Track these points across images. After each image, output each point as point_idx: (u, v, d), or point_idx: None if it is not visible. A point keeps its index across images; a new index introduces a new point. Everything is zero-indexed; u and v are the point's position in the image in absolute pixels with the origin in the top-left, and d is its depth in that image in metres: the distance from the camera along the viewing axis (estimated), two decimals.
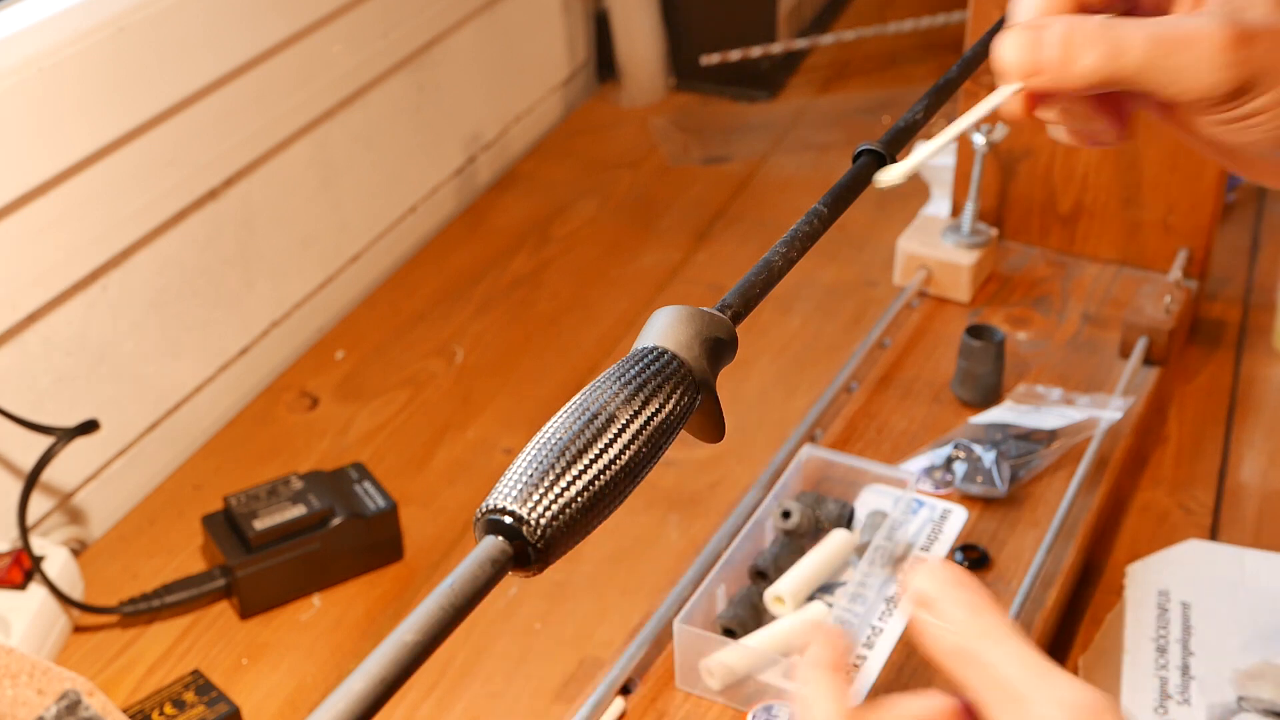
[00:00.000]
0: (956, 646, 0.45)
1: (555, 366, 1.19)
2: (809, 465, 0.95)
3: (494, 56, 1.46)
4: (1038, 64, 0.50)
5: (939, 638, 0.46)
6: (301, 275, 1.23)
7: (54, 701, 0.69)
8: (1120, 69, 0.49)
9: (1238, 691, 0.84)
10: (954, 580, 0.46)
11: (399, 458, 1.09)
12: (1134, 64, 0.49)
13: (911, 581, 0.47)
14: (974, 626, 0.45)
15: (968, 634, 0.45)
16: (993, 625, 0.45)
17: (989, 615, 0.45)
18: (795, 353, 1.19)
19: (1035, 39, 0.50)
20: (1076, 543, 0.91)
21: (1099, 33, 0.50)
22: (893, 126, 0.59)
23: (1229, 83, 0.49)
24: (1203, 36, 0.49)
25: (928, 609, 0.46)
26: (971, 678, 0.45)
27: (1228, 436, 1.08)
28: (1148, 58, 0.49)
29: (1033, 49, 0.50)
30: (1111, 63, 0.49)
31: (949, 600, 0.46)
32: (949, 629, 0.45)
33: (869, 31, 1.62)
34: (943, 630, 0.45)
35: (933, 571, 0.47)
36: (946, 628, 0.45)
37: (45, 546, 0.94)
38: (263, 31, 1.11)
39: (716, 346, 0.46)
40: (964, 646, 0.45)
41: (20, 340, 0.96)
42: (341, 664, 0.92)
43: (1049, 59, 0.50)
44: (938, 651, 0.46)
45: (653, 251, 1.35)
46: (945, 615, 0.46)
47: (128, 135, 1.01)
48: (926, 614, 0.46)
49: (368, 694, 0.36)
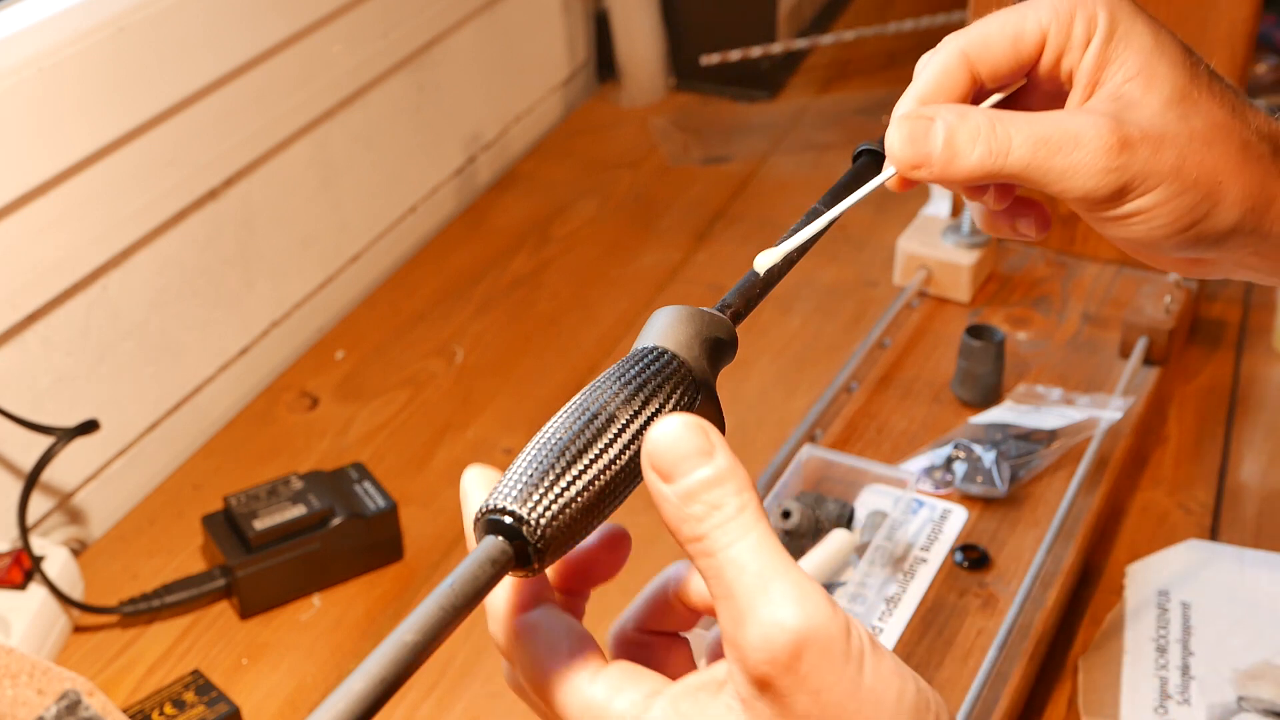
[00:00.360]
0: (694, 534, 0.40)
1: (555, 366, 1.19)
2: (809, 465, 0.95)
3: (494, 56, 1.46)
4: (923, 158, 0.51)
5: (675, 521, 0.40)
6: (301, 275, 1.23)
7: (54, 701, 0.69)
8: (1003, 166, 0.51)
9: (1238, 691, 0.84)
10: (698, 448, 0.40)
11: (399, 458, 1.09)
12: (1018, 163, 0.51)
13: (648, 439, 0.40)
14: (709, 512, 0.40)
15: (705, 521, 0.40)
16: (731, 511, 0.40)
17: (730, 497, 0.40)
18: (795, 353, 1.19)
19: (922, 133, 0.51)
20: (1076, 543, 0.91)
21: (984, 130, 0.51)
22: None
23: (1109, 186, 0.51)
24: (1086, 140, 0.50)
25: (664, 480, 0.40)
26: (703, 568, 0.40)
27: (1228, 436, 1.08)
28: (1032, 158, 0.51)
29: (917, 143, 0.51)
30: (995, 160, 0.51)
31: (687, 472, 0.40)
32: (683, 510, 0.40)
33: (869, 31, 1.62)
34: (678, 514, 0.40)
35: (672, 433, 0.40)
36: (680, 508, 0.40)
37: (45, 546, 0.94)
38: (263, 31, 1.11)
39: (716, 346, 0.46)
40: (699, 533, 0.40)
41: (20, 340, 0.96)
42: (341, 664, 0.92)
43: (934, 154, 0.51)
44: (674, 534, 0.41)
45: (653, 251, 1.35)
46: (682, 490, 0.40)
47: (128, 135, 1.01)
48: (662, 485, 0.40)
49: (368, 694, 0.36)
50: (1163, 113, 0.52)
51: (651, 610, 0.47)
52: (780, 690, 0.39)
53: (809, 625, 0.38)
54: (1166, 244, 0.53)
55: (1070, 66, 0.53)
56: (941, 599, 0.88)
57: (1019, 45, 0.53)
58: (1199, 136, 0.52)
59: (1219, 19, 1.01)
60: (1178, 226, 0.52)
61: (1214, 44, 1.02)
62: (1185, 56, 0.53)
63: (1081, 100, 0.53)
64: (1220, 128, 0.52)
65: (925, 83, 0.53)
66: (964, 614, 0.87)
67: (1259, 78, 1.51)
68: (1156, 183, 0.51)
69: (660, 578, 0.47)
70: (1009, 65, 0.54)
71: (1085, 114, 0.51)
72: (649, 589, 0.47)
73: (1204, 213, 0.52)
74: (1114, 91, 0.52)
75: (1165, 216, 0.52)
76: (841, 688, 0.39)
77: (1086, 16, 0.53)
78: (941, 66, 0.53)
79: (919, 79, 0.53)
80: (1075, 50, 0.53)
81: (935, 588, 0.89)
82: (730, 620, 0.39)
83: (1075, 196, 0.52)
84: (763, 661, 0.38)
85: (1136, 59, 0.52)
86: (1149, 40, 0.52)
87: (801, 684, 0.38)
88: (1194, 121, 0.52)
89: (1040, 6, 0.53)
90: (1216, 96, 0.53)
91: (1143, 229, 0.53)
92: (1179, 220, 0.52)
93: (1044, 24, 0.53)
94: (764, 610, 0.39)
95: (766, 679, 0.39)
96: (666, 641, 0.47)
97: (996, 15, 0.54)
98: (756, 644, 0.39)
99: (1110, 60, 0.52)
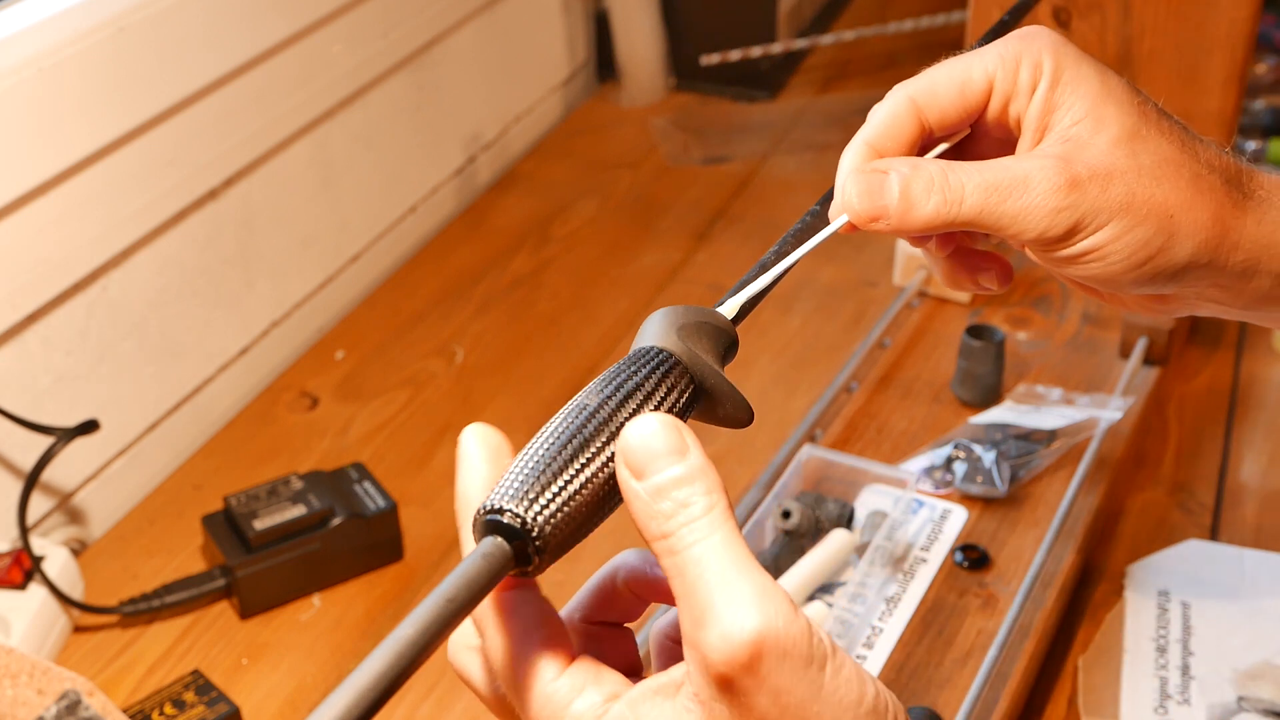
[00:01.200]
0: (660, 531, 0.40)
1: (555, 366, 1.19)
2: (809, 465, 0.95)
3: (494, 56, 1.46)
4: (880, 210, 0.52)
5: (643, 517, 0.41)
6: (301, 275, 1.23)
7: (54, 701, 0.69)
8: (958, 215, 0.52)
9: (1238, 691, 0.84)
10: (670, 446, 0.41)
11: (399, 458, 1.09)
12: (971, 210, 0.52)
13: (623, 436, 0.41)
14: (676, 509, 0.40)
15: (672, 519, 0.40)
16: (698, 510, 0.40)
17: (699, 496, 0.40)
18: (795, 353, 1.19)
19: (878, 186, 0.52)
20: (1076, 543, 0.91)
21: (937, 180, 0.52)
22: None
23: (1061, 225, 0.52)
24: (1035, 182, 0.51)
25: (635, 476, 0.41)
26: (667, 566, 0.41)
27: (1228, 436, 1.08)
28: (984, 204, 0.52)
29: (874, 196, 0.52)
30: (949, 209, 0.52)
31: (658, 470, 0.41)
32: (652, 506, 0.40)
33: (869, 31, 1.62)
34: (647, 510, 0.41)
35: (646, 431, 0.41)
36: (649, 504, 0.40)
37: (45, 546, 0.94)
38: (263, 31, 1.11)
39: (715, 344, 0.46)
40: (665, 530, 0.40)
41: (20, 340, 0.96)
42: (341, 664, 0.92)
43: (890, 207, 0.52)
44: (641, 530, 0.41)
45: (653, 251, 1.35)
46: (651, 486, 0.40)
47: (128, 135, 1.01)
48: (633, 482, 0.41)
49: (368, 694, 0.36)
50: (1111, 151, 0.52)
51: (598, 599, 0.47)
52: (740, 690, 0.39)
53: (769, 627, 0.39)
54: (1124, 280, 0.54)
55: (1018, 113, 0.54)
56: (941, 599, 0.88)
57: (966, 93, 0.54)
58: (1148, 171, 0.52)
59: (1219, 19, 1.01)
60: (1133, 262, 0.53)
61: (1214, 44, 1.02)
62: (1132, 97, 0.54)
63: (1031, 145, 0.54)
64: (1169, 162, 0.53)
65: (874, 129, 0.54)
66: (964, 614, 0.87)
67: (1259, 78, 1.50)
68: (1108, 218, 0.52)
69: (608, 566, 0.48)
70: (956, 113, 0.55)
71: (1034, 157, 0.52)
72: (596, 578, 0.48)
73: (1158, 247, 0.53)
74: (1062, 134, 0.53)
75: (1119, 252, 0.53)
76: (802, 689, 0.39)
77: (1032, 63, 0.54)
78: (890, 114, 0.54)
79: (867, 126, 0.54)
80: (1022, 96, 0.54)
81: (935, 588, 0.89)
82: (691, 620, 0.40)
83: (1030, 239, 0.53)
84: (722, 662, 0.39)
85: (1083, 103, 0.53)
86: (1095, 84, 0.53)
87: (761, 685, 0.39)
88: (1143, 158, 0.53)
89: (986, 54, 0.54)
90: (1165, 133, 0.54)
91: (1098, 267, 0.53)
92: (1133, 255, 0.53)
93: (990, 71, 0.54)
94: (724, 610, 0.39)
95: (726, 679, 0.39)
96: (612, 633, 0.47)
97: (944, 64, 0.55)
98: (716, 644, 0.39)
99: (1057, 105, 0.53)
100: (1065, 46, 0.54)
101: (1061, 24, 1.06)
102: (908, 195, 0.52)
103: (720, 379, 0.45)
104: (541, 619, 0.43)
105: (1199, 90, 1.04)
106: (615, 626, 0.48)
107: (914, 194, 0.52)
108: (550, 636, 0.43)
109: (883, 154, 0.53)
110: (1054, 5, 1.06)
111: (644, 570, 0.47)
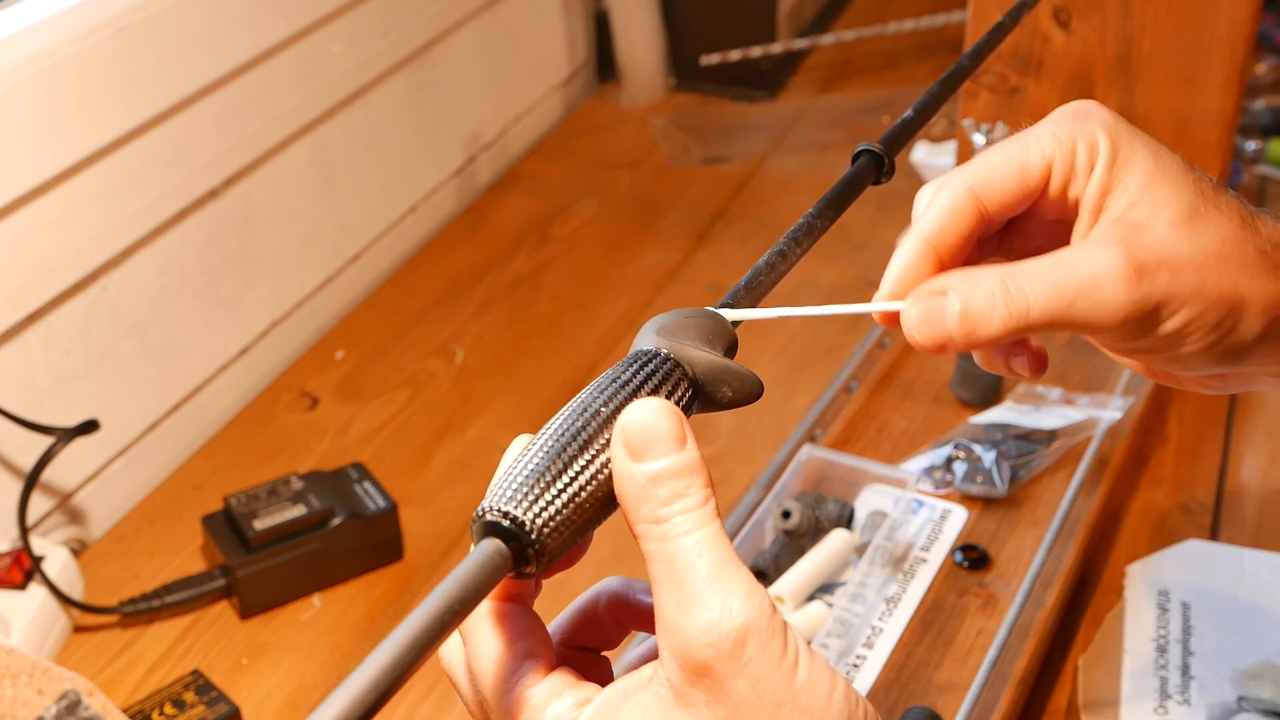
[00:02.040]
0: (654, 516, 0.41)
1: (555, 366, 1.19)
2: (809, 465, 0.95)
3: (494, 56, 1.46)
4: (943, 337, 0.50)
5: (635, 499, 0.41)
6: (301, 275, 1.23)
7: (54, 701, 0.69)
8: (1026, 325, 0.50)
9: (1238, 691, 0.84)
10: (672, 434, 0.41)
11: (399, 458, 1.09)
12: (1040, 319, 0.50)
13: (624, 416, 0.41)
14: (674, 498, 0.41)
15: (668, 505, 0.41)
16: (695, 502, 0.41)
17: (697, 489, 0.41)
18: (795, 353, 1.19)
19: (937, 313, 0.50)
20: (1076, 543, 0.91)
21: (999, 294, 0.50)
22: (893, 126, 0.60)
23: (1136, 318, 0.50)
24: (1102, 278, 0.49)
25: (634, 459, 0.41)
26: (653, 551, 0.41)
27: (1228, 436, 1.08)
28: (1053, 309, 0.50)
29: (934, 324, 0.50)
30: (1016, 321, 0.50)
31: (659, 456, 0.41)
32: (648, 490, 0.41)
33: (869, 31, 1.62)
34: (642, 493, 0.41)
35: (648, 414, 0.41)
36: (646, 488, 0.41)
37: (45, 546, 0.94)
38: (263, 31, 1.11)
39: (715, 343, 0.46)
40: (659, 516, 0.41)
41: (20, 340, 0.96)
42: (341, 664, 0.92)
43: (954, 332, 0.50)
44: (629, 513, 0.42)
45: (653, 251, 1.35)
46: (651, 472, 0.41)
47: (128, 135, 1.01)
48: (630, 464, 0.41)
49: (368, 694, 0.36)
50: (1171, 234, 0.51)
51: (580, 624, 0.48)
52: (719, 675, 0.40)
53: (755, 617, 0.40)
54: (1193, 362, 0.53)
55: (1075, 194, 0.53)
56: (941, 599, 0.88)
57: (1025, 178, 0.53)
58: (1213, 253, 0.51)
59: (1219, 19, 1.01)
60: (1205, 344, 0.52)
61: (1214, 44, 1.02)
62: (1187, 173, 0.52)
63: (1088, 227, 0.53)
64: (1232, 240, 0.52)
65: (932, 224, 0.52)
66: (964, 614, 0.87)
67: (1259, 78, 1.50)
68: (1180, 305, 0.50)
69: (591, 591, 0.48)
70: (1016, 198, 0.53)
71: (1095, 246, 0.50)
72: (578, 602, 0.48)
73: (1229, 328, 0.52)
74: (1120, 216, 0.52)
75: (1193, 339, 0.52)
76: (779, 678, 0.40)
77: (1088, 143, 0.52)
78: (949, 207, 0.52)
79: (926, 219, 0.53)
80: (1080, 178, 0.52)
81: (935, 588, 0.89)
82: (675, 604, 0.41)
83: (1104, 337, 0.51)
84: (707, 645, 0.40)
85: (1139, 182, 0.52)
86: (1150, 163, 0.52)
87: (742, 670, 0.40)
88: (1205, 239, 0.51)
89: (1042, 137, 0.53)
90: (1224, 210, 0.52)
91: (1168, 353, 0.52)
92: (1205, 339, 0.52)
93: (1048, 155, 0.53)
94: (714, 597, 0.40)
95: (706, 664, 0.40)
96: (590, 659, 0.48)
97: (1000, 148, 0.53)
98: (703, 627, 0.40)
99: (1114, 186, 0.52)
100: (1118, 124, 0.53)
101: (1061, 24, 1.06)
102: (970, 317, 0.49)
103: (720, 364, 0.45)
104: (527, 628, 0.44)
105: (1199, 90, 1.04)
106: (594, 654, 0.48)
107: (976, 314, 0.49)
108: (534, 645, 0.43)
109: (940, 250, 0.52)
110: (1054, 5, 1.06)
111: (627, 596, 0.47)
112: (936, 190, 0.53)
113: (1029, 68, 1.09)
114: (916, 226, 0.53)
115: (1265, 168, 1.39)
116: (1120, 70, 1.06)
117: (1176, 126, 1.07)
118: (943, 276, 0.51)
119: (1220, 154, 1.07)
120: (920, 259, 0.52)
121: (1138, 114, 1.07)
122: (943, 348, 0.50)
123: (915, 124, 0.60)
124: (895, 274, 0.52)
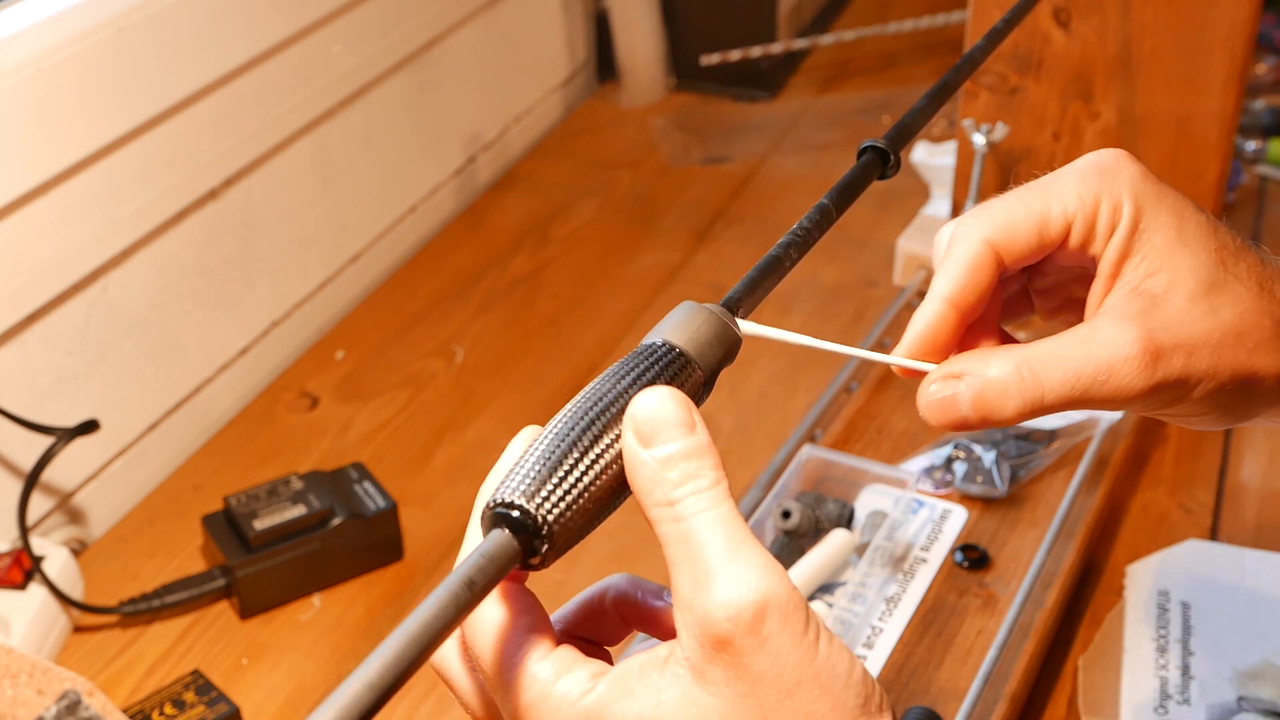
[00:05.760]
0: (667, 498, 0.41)
1: (555, 366, 1.19)
2: (809, 465, 0.95)
3: (494, 56, 1.46)
4: (959, 421, 0.51)
5: (648, 484, 0.42)
6: (301, 275, 1.23)
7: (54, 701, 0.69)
8: (1043, 409, 0.50)
9: (1238, 691, 0.84)
10: (681, 419, 0.42)
11: (399, 458, 1.09)
12: (1055, 402, 0.50)
13: (633, 404, 0.42)
14: (685, 480, 0.41)
15: (680, 487, 0.41)
16: (706, 483, 0.42)
17: (708, 470, 0.42)
18: (795, 353, 1.19)
19: (951, 401, 0.51)
20: (1076, 543, 0.91)
21: (1013, 381, 0.50)
22: (896, 123, 0.60)
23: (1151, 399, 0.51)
24: (1117, 365, 0.50)
25: (644, 444, 0.42)
26: (668, 533, 0.41)
27: (1228, 436, 1.08)
28: (1068, 395, 0.50)
29: (948, 411, 0.51)
30: (1031, 406, 0.50)
31: (669, 440, 0.42)
32: (659, 474, 0.41)
33: (869, 31, 1.62)
34: (654, 476, 0.41)
35: (657, 401, 0.42)
36: (657, 470, 0.41)
37: (45, 546, 0.94)
38: (263, 31, 1.11)
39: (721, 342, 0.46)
40: (672, 498, 0.41)
41: (20, 340, 0.96)
42: (341, 664, 0.92)
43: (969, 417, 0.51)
44: (642, 497, 0.42)
45: (653, 251, 1.35)
46: (662, 455, 0.42)
47: (128, 135, 1.01)
48: (641, 450, 0.42)
49: (369, 692, 0.36)
50: (1189, 309, 0.51)
51: (584, 614, 0.48)
52: (738, 650, 0.40)
53: (774, 591, 0.40)
54: (1198, 424, 0.54)
55: (1094, 253, 0.53)
56: (941, 599, 0.88)
57: (1044, 234, 0.52)
58: (1230, 331, 0.51)
59: (1219, 19, 1.01)
60: (1214, 414, 0.53)
61: (1214, 44, 1.02)
62: (1208, 239, 0.52)
63: (1104, 291, 0.52)
64: (1250, 314, 0.52)
65: (952, 284, 0.52)
66: (964, 614, 0.87)
67: (1259, 78, 1.51)
68: (1194, 385, 0.51)
69: (598, 585, 0.48)
70: (1033, 252, 0.53)
71: (1112, 326, 0.50)
72: (585, 594, 0.48)
73: (1243, 399, 0.52)
74: (1137, 286, 0.52)
75: (1210, 413, 0.52)
76: (799, 653, 0.40)
77: (1111, 206, 0.52)
78: (968, 263, 0.52)
79: (946, 275, 0.52)
80: (1100, 240, 0.52)
81: (935, 588, 0.89)
82: (692, 582, 0.41)
83: (1124, 410, 0.52)
84: (726, 619, 0.40)
85: (1159, 250, 0.51)
86: (1172, 229, 0.52)
87: (762, 645, 0.40)
88: (1223, 314, 0.51)
89: (1066, 194, 0.52)
90: (1242, 277, 0.52)
91: (1179, 417, 0.53)
92: (1216, 410, 0.52)
93: (1070, 213, 0.52)
94: (732, 572, 0.40)
95: (726, 639, 0.40)
96: (592, 650, 0.48)
97: (1021, 199, 0.53)
98: (722, 601, 0.40)
99: (1133, 252, 0.52)
100: (1145, 184, 0.52)
101: (1061, 24, 1.06)
102: (983, 404, 0.50)
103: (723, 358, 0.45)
104: (529, 604, 0.44)
105: (1199, 90, 1.04)
106: (595, 645, 0.48)
107: (989, 401, 0.50)
108: (536, 623, 0.43)
109: (960, 308, 0.52)
110: (1054, 5, 1.06)
111: (633, 595, 0.47)
112: (954, 239, 0.53)
113: (1029, 68, 1.09)
114: (936, 284, 0.52)
115: (1265, 168, 1.39)
116: (1120, 70, 1.06)
117: (1176, 126, 1.07)
118: (960, 359, 0.51)
119: (1220, 154, 1.07)
120: (941, 320, 0.52)
121: (1138, 114, 1.07)
122: (958, 428, 0.51)
123: (920, 119, 0.60)
124: (916, 334, 0.52)
